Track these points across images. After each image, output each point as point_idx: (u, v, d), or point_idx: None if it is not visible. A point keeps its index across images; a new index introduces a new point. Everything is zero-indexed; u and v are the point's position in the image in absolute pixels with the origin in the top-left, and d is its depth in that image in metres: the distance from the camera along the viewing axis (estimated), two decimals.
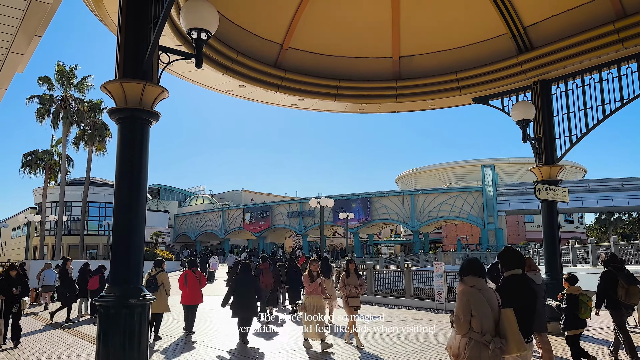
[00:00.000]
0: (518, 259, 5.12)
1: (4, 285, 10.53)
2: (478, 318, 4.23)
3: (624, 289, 8.08)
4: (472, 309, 4.27)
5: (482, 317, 4.24)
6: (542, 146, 11.58)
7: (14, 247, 65.31)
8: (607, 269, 8.48)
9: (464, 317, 4.29)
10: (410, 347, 9.50)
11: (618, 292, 8.10)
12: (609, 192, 46.82)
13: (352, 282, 10.09)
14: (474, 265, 4.56)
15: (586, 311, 7.21)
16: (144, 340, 5.34)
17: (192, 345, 10.10)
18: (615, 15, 10.00)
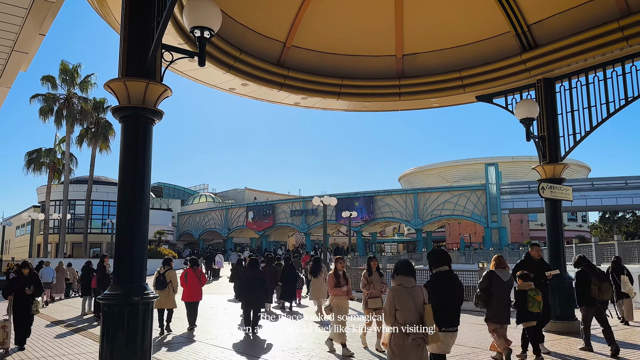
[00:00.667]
0: (443, 257, 5.89)
1: (16, 284, 9.86)
2: (401, 311, 4.91)
3: (596, 286, 8.73)
4: (396, 304, 4.94)
5: (405, 310, 4.90)
6: (545, 144, 11.55)
7: (17, 245, 65.55)
8: (580, 269, 9.07)
9: (389, 311, 4.99)
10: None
11: (592, 290, 8.74)
12: (613, 190, 46.64)
13: (374, 281, 9.42)
14: (405, 266, 5.22)
15: (534, 305, 7.69)
16: (147, 338, 5.35)
17: (195, 344, 10.12)
18: (619, 13, 9.95)
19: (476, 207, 49.71)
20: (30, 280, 9.93)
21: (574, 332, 10.54)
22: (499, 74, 11.92)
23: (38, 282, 10.21)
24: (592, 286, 8.79)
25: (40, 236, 47.63)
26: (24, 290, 9.73)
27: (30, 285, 9.83)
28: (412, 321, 4.86)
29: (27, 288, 9.73)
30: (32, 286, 9.85)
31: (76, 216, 55.02)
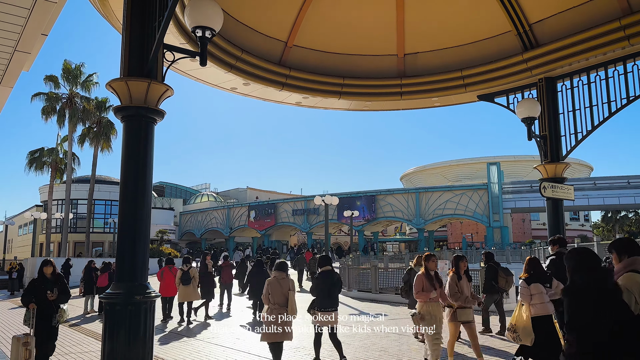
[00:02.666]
0: (326, 260, 8.49)
1: (36, 287, 7.80)
2: (272, 296, 7.52)
3: (504, 279, 11.33)
4: (269, 290, 7.53)
5: (274, 295, 7.52)
6: (547, 144, 11.53)
7: (20, 244, 65.70)
8: (489, 265, 11.76)
9: (265, 296, 7.62)
10: (416, 344, 9.50)
11: (499, 282, 11.29)
12: (615, 189, 46.53)
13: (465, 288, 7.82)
14: (282, 265, 7.88)
15: None
16: (149, 337, 5.37)
17: (197, 342, 10.14)
18: (621, 12, 9.93)
19: (478, 206, 49.66)
20: (54, 283, 7.89)
21: None
22: (500, 73, 11.90)
23: (64, 286, 8.00)
24: (500, 278, 11.28)
25: (42, 235, 47.75)
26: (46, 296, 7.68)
27: (53, 288, 7.78)
28: (278, 302, 7.45)
29: (50, 292, 7.67)
30: (55, 290, 7.76)
31: (78, 215, 55.18)
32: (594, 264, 3.70)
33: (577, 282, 3.70)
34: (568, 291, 3.75)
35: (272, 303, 7.44)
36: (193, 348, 9.68)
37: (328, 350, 9.06)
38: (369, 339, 10.04)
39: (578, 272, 3.74)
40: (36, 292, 7.68)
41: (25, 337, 7.12)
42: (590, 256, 3.78)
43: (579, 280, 3.70)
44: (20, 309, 18.07)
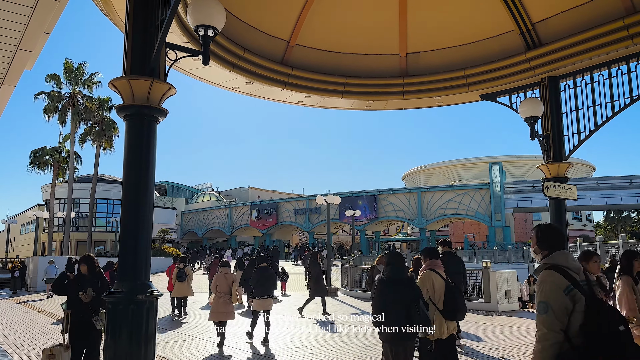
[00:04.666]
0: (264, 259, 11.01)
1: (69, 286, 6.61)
2: (219, 286, 9.93)
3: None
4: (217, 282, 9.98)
5: (221, 286, 9.93)
6: (550, 143, 11.50)
7: (22, 243, 65.86)
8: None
9: (213, 286, 10.17)
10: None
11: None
12: (618, 189, 46.43)
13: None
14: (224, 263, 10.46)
15: None
16: (151, 336, 5.36)
17: (199, 342, 10.14)
18: (625, 11, 9.90)
19: (480, 206, 49.60)
20: (90, 282, 6.59)
21: None
22: (503, 73, 11.87)
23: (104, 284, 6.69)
24: None
25: (44, 234, 47.83)
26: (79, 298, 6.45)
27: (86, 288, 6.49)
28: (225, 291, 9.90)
29: (82, 292, 6.42)
30: (89, 290, 6.47)
31: (80, 214, 55.25)
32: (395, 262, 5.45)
33: (385, 274, 5.43)
34: (379, 280, 5.46)
35: (219, 292, 9.93)
36: (196, 347, 9.68)
37: (329, 349, 9.06)
38: (370, 339, 10.03)
39: (386, 267, 5.45)
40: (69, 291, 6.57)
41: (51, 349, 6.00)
42: (396, 256, 5.54)
43: (386, 272, 5.43)
44: (21, 307, 18.09)
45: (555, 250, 3.42)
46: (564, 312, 3.12)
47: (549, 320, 3.17)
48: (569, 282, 3.17)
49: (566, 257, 3.39)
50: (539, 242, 3.60)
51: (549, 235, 3.54)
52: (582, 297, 3.12)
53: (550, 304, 3.17)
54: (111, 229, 52.97)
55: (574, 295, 3.13)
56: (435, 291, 5.57)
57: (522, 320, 12.87)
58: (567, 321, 3.12)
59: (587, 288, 3.22)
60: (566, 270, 3.26)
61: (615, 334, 2.97)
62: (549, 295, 3.20)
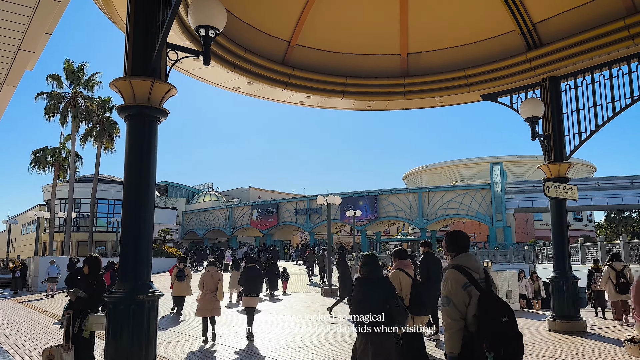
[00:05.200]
0: (252, 259, 11.35)
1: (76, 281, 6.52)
2: (206, 284, 10.44)
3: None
4: (204, 280, 10.45)
5: (207, 284, 10.42)
6: (551, 143, 11.50)
7: (23, 243, 65.91)
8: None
9: (200, 284, 10.59)
10: None
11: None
12: (619, 190, 46.38)
13: None
14: (212, 262, 11.12)
15: None
16: (152, 336, 5.37)
17: (200, 342, 10.15)
18: (625, 11, 9.90)
19: (481, 206, 49.56)
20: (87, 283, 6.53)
21: (579, 331, 10.52)
22: (504, 73, 11.88)
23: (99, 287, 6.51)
24: None
25: (45, 234, 47.86)
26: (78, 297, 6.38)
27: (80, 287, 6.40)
28: (212, 289, 10.36)
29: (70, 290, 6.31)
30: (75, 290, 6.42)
31: (81, 215, 55.25)
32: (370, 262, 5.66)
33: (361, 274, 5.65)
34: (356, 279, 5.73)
35: (205, 289, 10.39)
36: (197, 347, 9.68)
37: (331, 350, 9.06)
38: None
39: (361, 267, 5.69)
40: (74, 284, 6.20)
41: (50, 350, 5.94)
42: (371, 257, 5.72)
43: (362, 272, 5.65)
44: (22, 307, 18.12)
45: (460, 253, 4.00)
46: (462, 304, 3.74)
47: (451, 311, 3.76)
48: (467, 280, 3.79)
49: (468, 259, 3.96)
50: (447, 246, 4.13)
51: (456, 240, 4.07)
52: (477, 292, 3.74)
53: (451, 298, 3.78)
54: (112, 229, 53.00)
55: (470, 290, 3.75)
56: (403, 288, 6.17)
57: (523, 320, 12.86)
58: (466, 311, 3.73)
59: (484, 285, 3.84)
60: (467, 270, 3.85)
61: (499, 323, 3.63)
62: (451, 290, 3.81)
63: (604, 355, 8.35)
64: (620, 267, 12.29)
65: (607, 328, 11.44)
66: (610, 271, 12.26)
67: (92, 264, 6.77)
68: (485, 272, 3.98)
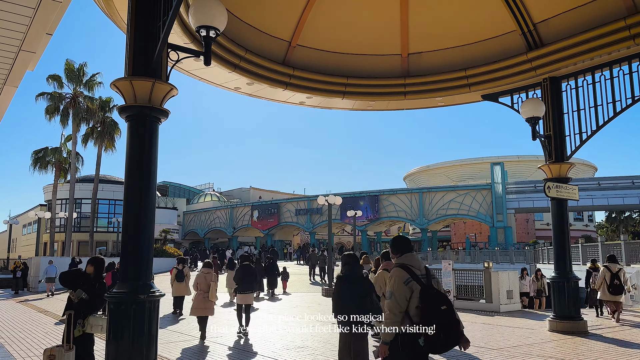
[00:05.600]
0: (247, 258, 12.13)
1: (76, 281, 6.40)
2: (199, 285, 10.73)
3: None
4: (197, 281, 10.78)
5: (200, 284, 10.70)
6: (551, 144, 11.50)
7: (24, 243, 65.95)
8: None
9: (194, 285, 10.93)
10: None
11: None
12: (620, 190, 46.38)
13: None
14: (207, 264, 11.48)
15: None
16: (153, 336, 5.37)
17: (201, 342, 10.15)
18: (626, 11, 9.89)
19: (482, 206, 49.56)
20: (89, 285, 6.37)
21: (580, 332, 10.51)
22: (504, 73, 11.88)
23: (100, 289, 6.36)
24: None
25: (46, 235, 47.89)
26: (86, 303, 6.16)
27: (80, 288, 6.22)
28: (205, 289, 10.62)
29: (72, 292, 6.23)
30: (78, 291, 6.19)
31: (82, 215, 55.29)
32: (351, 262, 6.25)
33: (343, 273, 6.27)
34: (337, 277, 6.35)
35: (199, 290, 10.66)
36: (197, 347, 9.69)
37: (332, 350, 9.06)
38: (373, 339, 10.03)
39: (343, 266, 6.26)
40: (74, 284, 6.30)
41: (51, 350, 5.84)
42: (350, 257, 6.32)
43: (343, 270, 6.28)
44: (23, 307, 18.13)
45: (404, 254, 4.60)
46: (403, 298, 4.30)
47: (392, 304, 4.31)
48: (409, 276, 4.36)
49: (411, 258, 4.57)
50: (392, 249, 4.77)
51: (400, 244, 4.71)
52: (418, 287, 4.32)
53: (394, 292, 4.34)
54: (113, 229, 53.02)
55: (411, 285, 4.31)
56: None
57: (524, 320, 12.86)
58: (407, 304, 4.30)
59: (425, 280, 4.41)
60: (409, 268, 4.44)
61: (438, 311, 4.20)
62: (394, 286, 4.36)
63: (605, 355, 8.35)
64: (615, 269, 12.63)
65: (608, 328, 11.44)
66: (605, 272, 12.65)
67: (98, 264, 6.63)
68: (427, 269, 4.59)
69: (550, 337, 10.23)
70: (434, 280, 4.54)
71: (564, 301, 10.96)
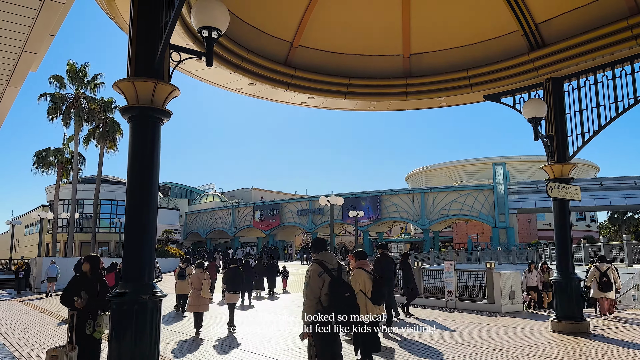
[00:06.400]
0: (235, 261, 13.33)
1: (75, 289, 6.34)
2: (193, 284, 11.56)
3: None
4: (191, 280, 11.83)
5: (194, 283, 11.46)
6: (554, 144, 11.48)
7: (27, 244, 66.07)
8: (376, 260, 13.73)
9: (190, 284, 11.98)
10: (420, 345, 9.49)
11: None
12: (622, 190, 46.26)
13: None
14: (200, 264, 12.13)
15: None
16: (155, 336, 5.38)
17: (202, 342, 10.17)
18: (628, 12, 9.88)
19: (484, 206, 49.50)
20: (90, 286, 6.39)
21: (582, 332, 10.49)
22: (506, 73, 11.86)
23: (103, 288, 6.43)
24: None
25: (48, 235, 47.98)
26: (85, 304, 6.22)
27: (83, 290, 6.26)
28: (198, 288, 11.35)
29: (77, 298, 6.18)
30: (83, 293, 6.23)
31: (84, 215, 55.39)
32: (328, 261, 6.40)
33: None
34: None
35: (193, 288, 11.59)
36: (199, 348, 9.70)
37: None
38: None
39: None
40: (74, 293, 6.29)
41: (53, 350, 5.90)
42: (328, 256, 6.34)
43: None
44: (25, 307, 18.16)
45: (321, 252, 5.81)
46: (317, 287, 5.52)
47: (308, 292, 5.53)
48: (322, 269, 5.58)
49: (325, 255, 5.77)
50: (312, 248, 5.97)
51: (317, 244, 5.94)
52: (329, 278, 5.55)
53: (310, 282, 5.55)
54: (115, 229, 53.08)
55: (324, 277, 5.55)
56: (365, 284, 7.45)
57: (526, 321, 12.84)
58: (320, 292, 5.49)
59: (336, 273, 5.61)
60: (323, 263, 5.65)
61: (342, 297, 5.48)
62: (310, 277, 5.59)
63: (608, 356, 8.33)
64: (604, 267, 13.68)
65: (610, 329, 11.42)
66: (595, 271, 13.78)
67: (93, 261, 6.65)
68: (339, 264, 5.76)
69: (553, 337, 10.21)
70: (344, 273, 5.76)
71: (566, 302, 10.93)
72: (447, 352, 8.81)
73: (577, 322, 10.73)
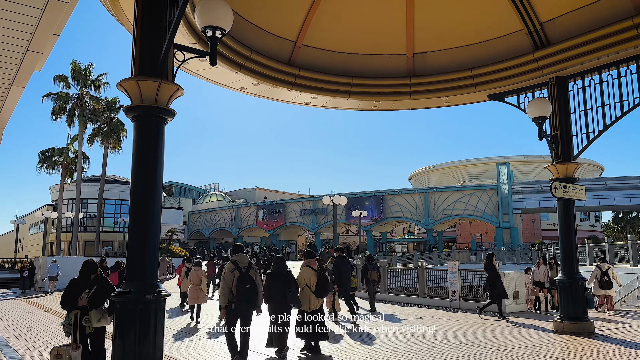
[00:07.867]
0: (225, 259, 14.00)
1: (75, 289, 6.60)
2: (192, 279, 13.43)
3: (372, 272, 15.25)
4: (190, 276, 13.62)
5: (193, 279, 13.45)
6: (558, 144, 11.44)
7: (31, 243, 66.31)
8: (365, 264, 15.61)
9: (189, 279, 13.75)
10: (424, 344, 9.47)
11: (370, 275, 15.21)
12: (627, 190, 46.07)
13: None
14: (198, 263, 13.96)
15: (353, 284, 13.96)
16: (159, 336, 5.38)
17: (204, 341, 10.17)
18: (634, 10, 9.82)
19: (487, 206, 49.40)
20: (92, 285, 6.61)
21: (587, 332, 10.44)
22: (511, 73, 11.82)
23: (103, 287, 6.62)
24: (370, 272, 15.13)
25: (53, 234, 48.12)
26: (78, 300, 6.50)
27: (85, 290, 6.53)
28: (197, 283, 13.08)
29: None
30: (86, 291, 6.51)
31: (89, 215, 55.58)
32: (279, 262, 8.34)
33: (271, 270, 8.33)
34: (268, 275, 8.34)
35: (192, 283, 13.19)
36: (203, 347, 9.70)
37: (336, 349, 9.06)
38: (379, 339, 10.02)
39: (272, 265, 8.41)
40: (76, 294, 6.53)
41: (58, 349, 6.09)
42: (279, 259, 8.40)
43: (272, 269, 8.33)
44: (30, 306, 18.23)
45: (236, 254, 7.78)
46: (229, 280, 7.44)
47: (223, 283, 7.47)
48: (234, 267, 7.52)
49: (239, 257, 7.74)
50: (231, 251, 7.97)
51: (236, 248, 7.95)
52: (238, 274, 7.47)
53: (224, 277, 7.48)
54: (119, 229, 53.19)
55: (234, 273, 7.47)
56: (311, 280, 8.70)
57: (530, 321, 12.80)
58: (232, 284, 7.40)
59: (245, 270, 7.53)
60: (236, 262, 7.60)
61: (244, 288, 7.40)
62: (225, 272, 7.53)
63: (613, 356, 8.29)
64: (605, 267, 15.26)
65: (615, 329, 11.37)
66: (597, 271, 15.30)
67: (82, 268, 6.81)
68: (249, 263, 7.68)
69: (557, 338, 10.18)
70: (252, 270, 7.61)
71: (570, 302, 10.89)
72: (451, 351, 8.79)
73: (581, 323, 10.69)
